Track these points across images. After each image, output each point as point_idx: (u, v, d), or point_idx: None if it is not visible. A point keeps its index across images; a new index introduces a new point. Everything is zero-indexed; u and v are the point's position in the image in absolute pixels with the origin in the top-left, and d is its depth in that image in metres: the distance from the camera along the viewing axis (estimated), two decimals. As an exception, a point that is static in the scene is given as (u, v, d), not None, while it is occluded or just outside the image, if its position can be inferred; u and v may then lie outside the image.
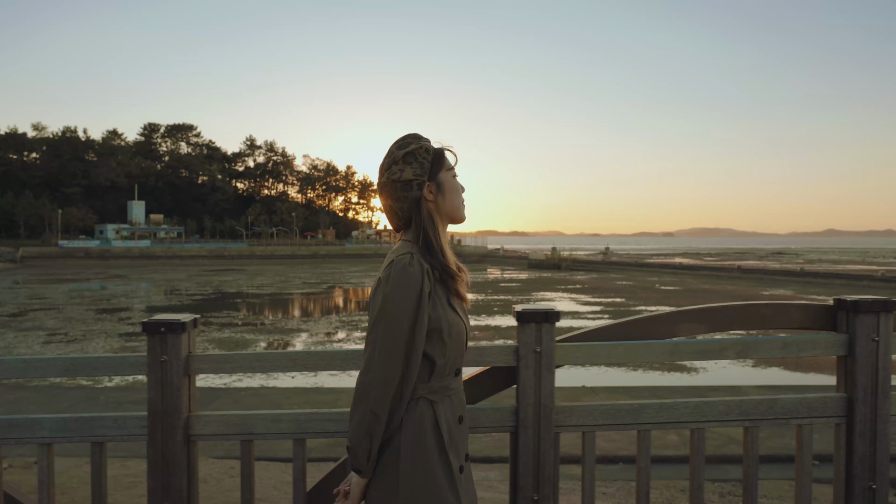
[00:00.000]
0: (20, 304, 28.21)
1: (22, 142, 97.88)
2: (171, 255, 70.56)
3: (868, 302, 2.08)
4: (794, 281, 41.36)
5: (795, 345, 2.10)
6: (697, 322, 2.13)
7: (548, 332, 2.03)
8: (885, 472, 2.05)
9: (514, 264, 65.47)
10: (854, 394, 2.07)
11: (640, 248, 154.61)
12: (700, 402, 2.08)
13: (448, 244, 1.74)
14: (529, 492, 2.01)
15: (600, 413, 2.07)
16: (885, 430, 2.05)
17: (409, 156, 1.71)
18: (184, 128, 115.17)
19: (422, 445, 1.62)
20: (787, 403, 2.10)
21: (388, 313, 1.59)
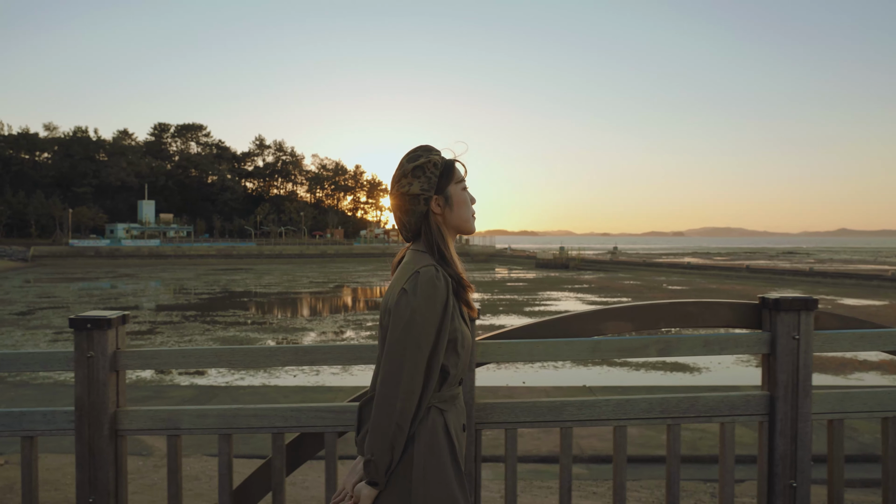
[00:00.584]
0: (29, 302, 28.47)
1: (34, 142, 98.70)
2: (180, 254, 70.96)
3: (789, 300, 2.08)
4: (803, 281, 41.05)
5: (717, 342, 2.10)
6: (624, 320, 2.13)
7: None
8: (807, 470, 2.04)
9: (521, 264, 65.36)
10: (775, 392, 2.06)
11: (650, 247, 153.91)
12: (621, 399, 2.08)
13: (456, 255, 1.76)
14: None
15: (521, 410, 2.08)
16: (805, 428, 2.04)
17: (417, 169, 1.72)
18: (194, 128, 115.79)
19: (435, 453, 1.63)
20: (709, 401, 2.09)
21: (417, 325, 1.59)
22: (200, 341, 17.11)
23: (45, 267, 59.12)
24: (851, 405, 2.10)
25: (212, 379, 11.88)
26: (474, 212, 1.80)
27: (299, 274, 49.99)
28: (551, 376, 12.12)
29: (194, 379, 11.91)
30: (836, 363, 12.89)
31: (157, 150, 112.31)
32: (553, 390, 9.75)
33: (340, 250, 79.79)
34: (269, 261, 69.23)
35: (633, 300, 29.12)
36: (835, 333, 2.12)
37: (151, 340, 17.49)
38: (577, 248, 73.03)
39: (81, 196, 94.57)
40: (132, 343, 17.01)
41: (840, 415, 2.10)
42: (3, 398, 8.22)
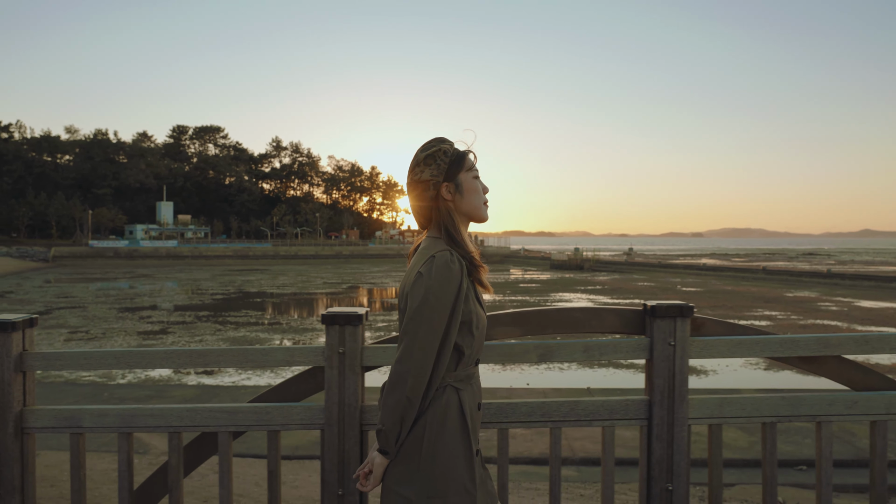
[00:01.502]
0: (47, 302, 28.95)
1: (55, 144, 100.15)
2: (197, 254, 71.67)
3: (664, 307, 2.11)
4: (820, 282, 40.50)
5: (597, 348, 2.13)
6: (512, 326, 2.18)
7: (351, 335, 2.10)
8: (683, 474, 2.08)
9: (536, 265, 65.18)
10: (653, 397, 2.10)
11: (668, 248, 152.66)
12: (504, 403, 2.13)
13: (469, 239, 1.84)
14: (335, 487, 2.09)
15: None
16: (682, 433, 2.07)
17: (428, 158, 1.81)
18: (211, 129, 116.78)
19: (446, 430, 1.71)
20: (590, 406, 2.13)
21: (430, 306, 1.68)
22: (211, 341, 17.31)
23: (66, 267, 60.02)
24: (730, 411, 2.13)
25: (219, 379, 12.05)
26: (486, 200, 1.87)
27: (314, 275, 50.27)
28: (556, 378, 12.11)
29: (201, 378, 12.09)
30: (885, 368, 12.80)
31: (176, 152, 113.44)
32: (552, 391, 9.77)
33: (355, 251, 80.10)
34: (284, 262, 69.69)
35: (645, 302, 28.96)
36: (712, 340, 2.14)
37: (163, 340, 17.71)
38: (592, 250, 72.69)
39: (101, 197, 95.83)
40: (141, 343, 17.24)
41: (719, 420, 2.13)
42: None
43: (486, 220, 1.87)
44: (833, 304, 27.08)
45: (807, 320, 22.11)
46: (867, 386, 2.16)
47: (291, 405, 2.16)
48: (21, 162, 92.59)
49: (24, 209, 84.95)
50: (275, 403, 2.17)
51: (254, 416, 2.16)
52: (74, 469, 2.16)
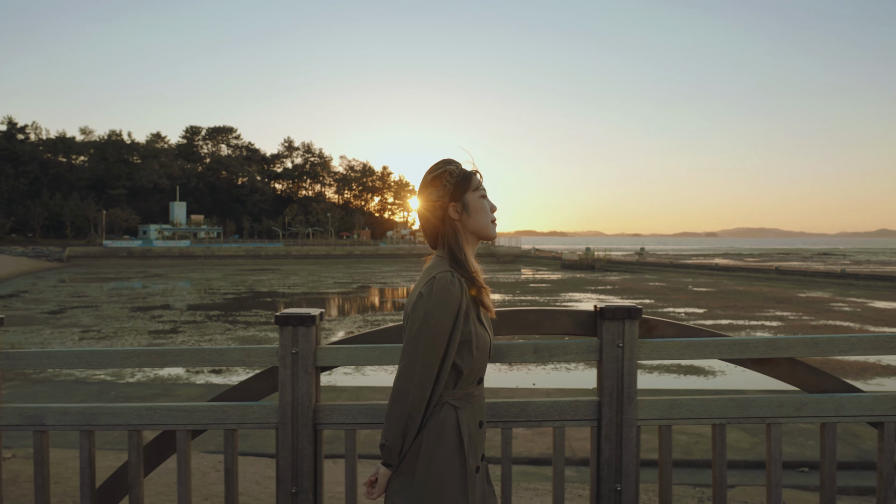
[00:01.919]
0: (61, 301, 29.27)
1: (70, 145, 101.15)
2: (209, 254, 72.14)
3: (612, 309, 2.13)
4: (833, 283, 40.11)
5: (547, 350, 2.15)
6: (466, 325, 2.20)
7: (304, 335, 2.14)
8: (631, 474, 2.09)
9: (547, 265, 65.02)
10: (602, 398, 2.12)
11: (681, 248, 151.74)
12: None
13: (475, 260, 1.91)
14: (288, 485, 2.13)
15: (359, 412, 2.18)
16: (630, 434, 2.09)
17: (435, 179, 1.88)
18: (224, 130, 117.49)
19: (441, 446, 1.77)
20: (540, 407, 2.15)
21: (430, 327, 1.74)
22: (220, 341, 17.44)
23: (80, 267, 60.60)
24: (679, 412, 2.14)
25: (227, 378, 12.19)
26: (494, 218, 1.93)
27: (325, 274, 50.43)
28: (562, 378, 12.11)
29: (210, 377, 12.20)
30: (857, 367, 12.70)
31: (189, 153, 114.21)
32: (555, 392, 9.77)
33: (367, 251, 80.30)
34: (295, 261, 69.98)
35: (655, 302, 28.82)
36: (661, 342, 2.15)
37: (173, 339, 17.87)
38: (603, 250, 72.42)
39: (115, 198, 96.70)
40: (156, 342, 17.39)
41: (668, 421, 2.14)
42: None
43: (494, 237, 1.93)
44: (846, 304, 26.80)
45: (818, 321, 21.91)
46: (820, 388, 2.17)
47: (248, 404, 2.20)
48: (37, 163, 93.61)
49: (39, 209, 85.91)
50: (231, 403, 2.21)
51: (211, 415, 2.20)
52: (38, 466, 2.21)
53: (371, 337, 2.25)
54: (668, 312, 23.85)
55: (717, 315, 22.95)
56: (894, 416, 2.12)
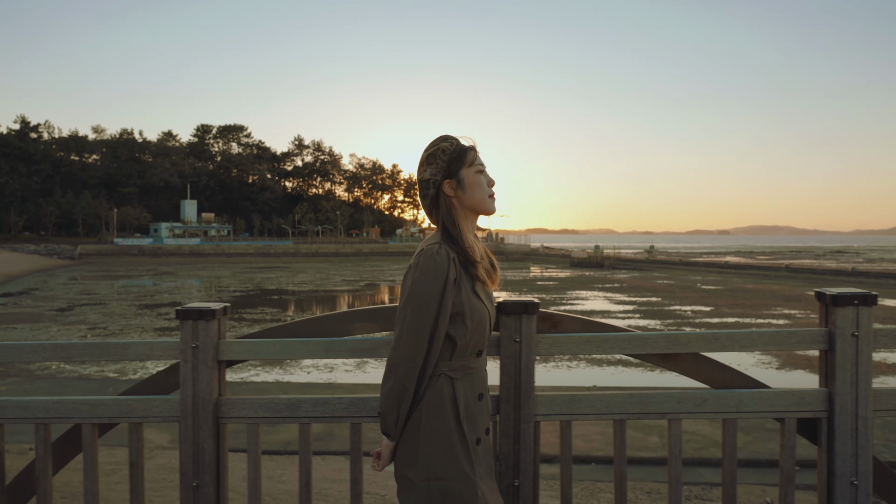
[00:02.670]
0: (70, 299, 29.57)
1: (82, 144, 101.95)
2: (219, 252, 72.52)
3: (510, 304, 2.12)
4: (844, 281, 39.74)
5: None
6: (372, 321, 2.21)
7: (205, 329, 2.15)
8: (529, 470, 2.08)
9: (556, 263, 64.88)
10: (501, 393, 2.11)
11: (693, 246, 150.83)
12: (355, 398, 2.16)
13: (472, 235, 1.92)
14: (190, 478, 2.14)
15: (261, 406, 2.18)
16: (528, 429, 2.08)
17: (430, 157, 1.89)
18: (235, 128, 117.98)
19: (439, 416, 1.79)
20: None
21: (417, 297, 1.77)
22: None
23: (91, 265, 61.11)
24: (579, 408, 2.13)
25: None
26: (492, 193, 1.93)
27: (333, 272, 50.59)
28: (563, 376, 12.08)
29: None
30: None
31: (200, 151, 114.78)
32: (561, 388, 9.72)
33: (376, 249, 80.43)
34: (305, 259, 70.23)
35: (662, 300, 28.70)
36: (561, 337, 2.14)
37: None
38: (613, 247, 72.14)
39: (127, 196, 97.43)
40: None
41: (568, 417, 2.13)
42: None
43: (493, 212, 1.93)
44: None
45: (826, 320, 21.71)
46: (725, 384, 2.15)
47: (151, 398, 2.22)
48: (49, 161, 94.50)
49: (51, 208, 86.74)
50: (136, 396, 2.23)
51: (116, 409, 2.22)
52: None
53: (279, 331, 2.25)
54: (675, 311, 23.75)
55: (724, 313, 22.82)
56: (795, 412, 2.10)
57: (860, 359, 2.02)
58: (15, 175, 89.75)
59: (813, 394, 2.09)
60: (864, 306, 2.04)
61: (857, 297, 2.05)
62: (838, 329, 2.04)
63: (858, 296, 2.05)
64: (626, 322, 20.27)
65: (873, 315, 2.07)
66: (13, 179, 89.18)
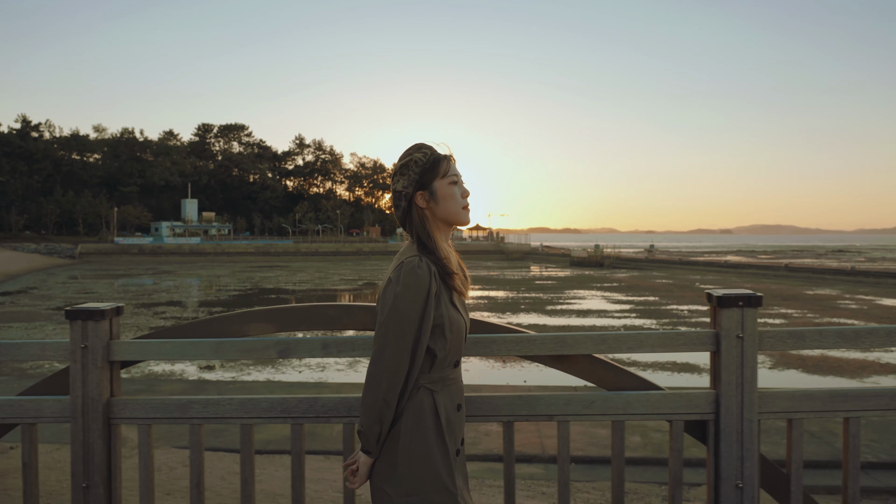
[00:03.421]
0: (68, 297, 29.64)
1: (83, 143, 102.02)
2: (219, 251, 72.60)
3: None
4: (843, 280, 39.67)
5: (335, 345, 2.14)
6: (267, 322, 2.21)
7: (94, 330, 2.14)
8: None
9: (556, 262, 64.81)
10: None
11: (695, 245, 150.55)
12: (245, 399, 2.15)
13: (447, 244, 1.90)
14: (80, 479, 2.14)
15: (152, 407, 2.18)
16: None
17: (403, 167, 1.88)
18: (236, 128, 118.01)
19: (420, 430, 1.77)
20: (328, 402, 2.14)
21: (399, 311, 1.74)
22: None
23: (91, 263, 61.23)
24: (469, 410, 2.10)
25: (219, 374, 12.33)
26: (467, 204, 1.91)
27: (332, 271, 50.60)
28: (560, 376, 12.06)
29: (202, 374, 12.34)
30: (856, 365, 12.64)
31: (201, 150, 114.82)
32: (549, 388, 9.68)
33: (376, 248, 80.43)
34: (304, 258, 70.28)
35: (659, 299, 28.64)
36: None
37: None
38: (612, 246, 72.06)
39: (127, 195, 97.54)
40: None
41: None
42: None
43: (465, 223, 1.91)
44: (853, 302, 26.47)
45: (822, 318, 21.67)
46: (618, 385, 2.14)
47: (44, 398, 2.21)
48: (50, 161, 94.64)
49: (52, 207, 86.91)
50: (29, 397, 2.22)
51: (10, 410, 2.21)
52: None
53: (175, 331, 2.25)
54: (671, 310, 23.71)
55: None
56: (682, 414, 2.08)
57: (745, 361, 2.01)
58: (16, 174, 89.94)
59: (700, 396, 2.08)
60: (749, 308, 2.02)
61: (741, 299, 2.03)
62: (723, 331, 2.03)
63: (743, 297, 2.03)
64: (622, 322, 20.23)
65: (757, 316, 2.04)
66: (14, 178, 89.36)
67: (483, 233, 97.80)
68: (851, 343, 2.02)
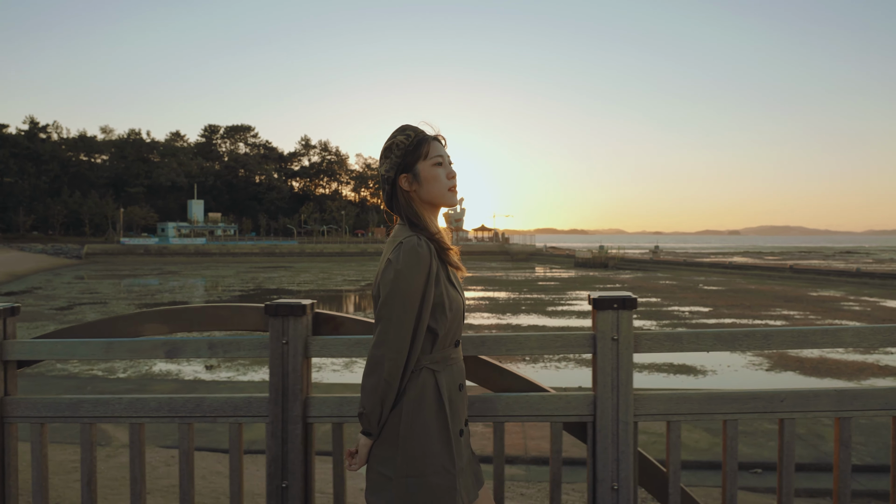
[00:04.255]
0: (72, 298, 29.84)
1: (91, 144, 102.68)
2: (224, 252, 72.88)
3: (275, 306, 2.13)
4: (848, 281, 39.42)
5: (221, 345, 2.16)
6: (160, 322, 2.23)
7: (-12, 329, 2.17)
8: (298, 471, 2.08)
9: (560, 263, 64.72)
10: (271, 394, 2.12)
11: (701, 246, 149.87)
12: (134, 398, 2.18)
13: (436, 224, 1.89)
14: (-27, 478, 2.17)
15: (44, 406, 2.21)
16: (296, 430, 2.08)
17: (386, 150, 1.89)
18: (242, 129, 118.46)
19: (422, 411, 1.76)
20: (214, 402, 2.16)
21: (401, 290, 1.72)
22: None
23: (97, 264, 61.60)
24: (349, 410, 2.12)
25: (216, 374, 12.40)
26: (453, 185, 1.89)
27: (336, 272, 50.69)
28: (556, 376, 12.05)
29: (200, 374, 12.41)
30: (855, 367, 12.57)
31: (207, 151, 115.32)
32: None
33: (380, 248, 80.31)
34: (309, 259, 70.45)
35: (662, 300, 28.55)
36: (330, 339, 2.15)
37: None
38: (617, 248, 71.84)
39: (134, 196, 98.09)
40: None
41: (339, 419, 2.13)
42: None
43: (453, 204, 1.89)
44: (857, 304, 26.30)
45: (824, 320, 21.54)
46: (505, 387, 2.15)
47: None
48: (57, 162, 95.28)
49: (59, 208, 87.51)
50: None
51: None
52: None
53: (71, 331, 2.28)
54: (672, 311, 23.63)
55: (722, 314, 22.68)
56: (561, 416, 2.09)
57: (620, 363, 2.01)
58: (24, 175, 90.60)
59: (579, 398, 2.08)
60: (624, 310, 2.02)
61: (616, 301, 2.04)
62: (599, 333, 2.03)
63: (618, 299, 2.04)
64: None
65: (632, 318, 2.05)
66: (22, 179, 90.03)
67: (488, 234, 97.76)
68: (728, 345, 2.03)
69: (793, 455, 1.95)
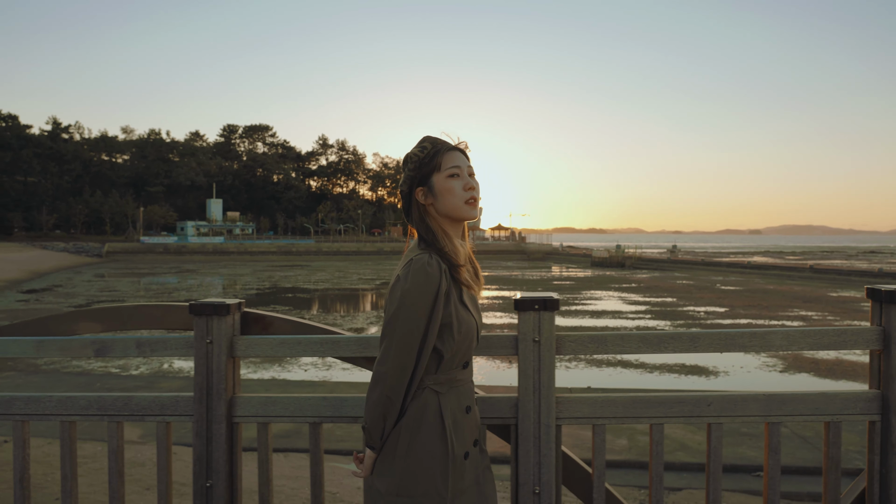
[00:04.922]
0: (90, 296, 30.27)
1: (112, 144, 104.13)
2: (242, 250, 73.46)
3: (200, 305, 2.13)
4: (869, 282, 38.73)
5: (149, 344, 2.16)
6: (95, 321, 2.25)
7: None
8: (223, 471, 2.08)
9: (577, 262, 64.39)
10: (196, 393, 2.12)
11: (722, 246, 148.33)
12: (64, 396, 2.19)
13: (456, 240, 1.84)
14: None
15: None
16: (220, 430, 2.08)
17: (405, 163, 1.89)
18: (260, 128, 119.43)
19: (421, 432, 1.76)
20: (142, 401, 2.17)
21: (407, 310, 1.71)
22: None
23: (117, 262, 62.42)
24: (275, 410, 2.13)
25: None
26: (470, 197, 1.83)
27: (352, 271, 50.87)
28: (559, 376, 11.96)
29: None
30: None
31: (226, 151, 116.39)
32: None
33: (397, 248, 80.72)
34: (326, 258, 70.79)
35: (677, 300, 28.30)
36: (256, 339, 2.14)
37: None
38: (635, 247, 71.32)
39: (154, 195, 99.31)
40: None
41: (264, 419, 2.13)
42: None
43: (472, 218, 1.85)
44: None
45: (843, 321, 21.22)
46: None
47: None
48: (80, 161, 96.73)
49: (80, 207, 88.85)
50: None
51: None
52: None
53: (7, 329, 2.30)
54: (688, 311, 23.41)
55: (738, 314, 22.42)
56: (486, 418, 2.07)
57: (542, 365, 1.98)
58: (47, 175, 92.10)
59: (502, 401, 2.06)
60: (546, 311, 1.99)
61: (537, 302, 2.01)
62: (521, 335, 2.01)
63: (539, 300, 2.01)
64: (635, 323, 20.00)
65: (554, 319, 2.01)
66: (45, 179, 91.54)
67: (505, 233, 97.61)
68: (654, 347, 1.99)
69: (720, 459, 1.91)
